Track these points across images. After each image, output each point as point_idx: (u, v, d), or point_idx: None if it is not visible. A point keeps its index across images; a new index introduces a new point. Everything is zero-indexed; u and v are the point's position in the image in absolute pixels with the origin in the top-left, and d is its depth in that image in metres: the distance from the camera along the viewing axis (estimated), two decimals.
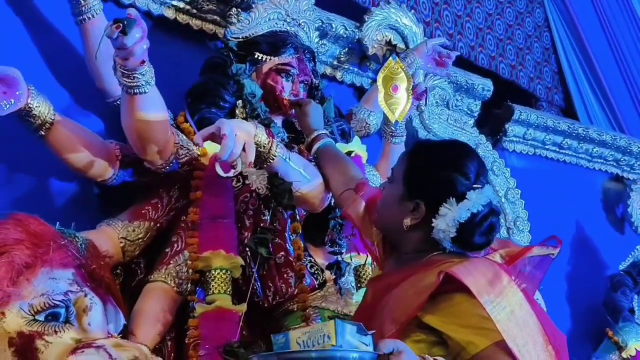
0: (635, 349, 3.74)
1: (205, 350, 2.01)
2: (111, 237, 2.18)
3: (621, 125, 5.75)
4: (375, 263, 2.03)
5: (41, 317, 1.57)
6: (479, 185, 1.64)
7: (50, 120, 2.02)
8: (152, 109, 2.01)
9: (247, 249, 2.28)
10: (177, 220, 2.34)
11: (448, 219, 1.59)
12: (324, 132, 2.28)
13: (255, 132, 2.04)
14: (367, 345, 1.33)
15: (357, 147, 2.52)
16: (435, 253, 1.65)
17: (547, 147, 4.18)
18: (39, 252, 1.63)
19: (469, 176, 1.65)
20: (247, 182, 2.33)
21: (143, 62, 1.85)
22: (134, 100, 1.96)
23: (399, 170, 1.77)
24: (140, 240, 2.25)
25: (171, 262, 2.26)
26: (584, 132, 4.28)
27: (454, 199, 1.60)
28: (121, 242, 2.20)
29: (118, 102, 2.31)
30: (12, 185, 2.23)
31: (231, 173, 2.00)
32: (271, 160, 2.10)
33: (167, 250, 2.30)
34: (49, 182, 2.31)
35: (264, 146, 2.06)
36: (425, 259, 1.64)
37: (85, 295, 1.63)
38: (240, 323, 2.08)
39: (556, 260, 1.80)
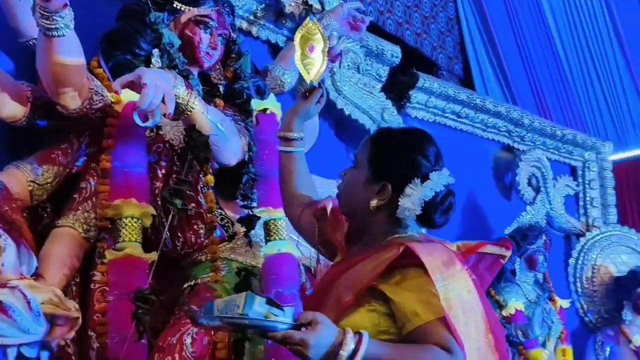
0: (515, 308, 4.03)
1: (114, 296, 2.04)
2: (20, 180, 2.15)
3: (514, 98, 6.06)
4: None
5: None
6: (439, 168, 1.75)
7: None
8: (69, 52, 1.98)
9: (158, 198, 2.31)
10: (87, 166, 2.32)
11: (414, 198, 1.67)
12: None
13: (175, 83, 2.05)
14: (277, 315, 1.44)
15: (272, 104, 2.56)
16: (396, 235, 1.73)
17: (446, 115, 4.35)
18: None
19: (431, 159, 1.75)
20: (160, 132, 2.35)
21: (66, 4, 1.82)
22: (52, 43, 1.93)
23: (363, 155, 1.81)
24: (48, 185, 2.23)
25: (79, 208, 2.25)
26: (481, 103, 4.48)
27: (418, 179, 1.69)
28: (30, 186, 2.17)
29: (31, 43, 2.27)
30: None
31: (149, 123, 2.01)
32: (189, 113, 2.12)
33: (75, 196, 2.28)
34: None
35: (182, 98, 2.08)
36: (386, 240, 1.72)
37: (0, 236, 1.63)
38: (150, 271, 2.12)
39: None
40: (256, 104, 2.53)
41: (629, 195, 5.87)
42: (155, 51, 2.40)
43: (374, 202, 1.75)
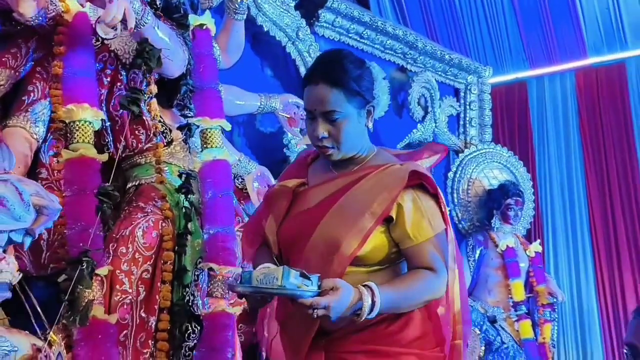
0: None
1: (71, 192, 2.24)
2: None
3: (405, 19, 6.39)
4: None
5: None
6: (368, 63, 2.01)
7: None
8: None
9: (103, 104, 2.49)
10: (33, 71, 2.45)
11: (384, 91, 1.93)
12: None
13: None
14: (308, 285, 1.69)
15: (208, 20, 2.75)
16: (374, 152, 1.96)
17: (350, 35, 4.64)
18: None
19: (367, 64, 1.99)
20: (105, 42, 2.50)
21: None
22: None
23: (341, 105, 1.86)
24: (1, 87, 2.36)
25: (29, 109, 2.39)
26: (382, 25, 4.80)
27: (377, 91, 1.94)
28: None
29: None
30: None
31: (111, 35, 2.17)
32: (142, 27, 2.30)
33: (23, 98, 2.41)
34: None
35: (137, 12, 2.25)
36: (367, 160, 1.94)
37: None
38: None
39: None
40: (193, 20, 2.72)
41: (502, 117, 6.46)
42: None
43: (369, 124, 1.94)
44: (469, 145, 5.79)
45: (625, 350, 1.94)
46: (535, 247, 5.34)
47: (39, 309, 2.13)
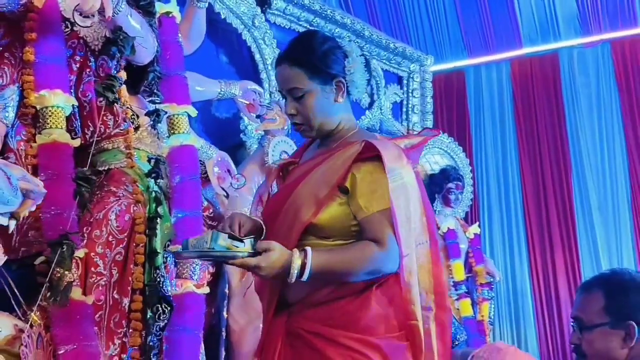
0: None
1: (46, 176, 2.28)
2: None
3: (349, 8, 6.51)
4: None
5: None
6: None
7: None
8: None
9: (72, 90, 2.52)
10: (2, 56, 2.46)
11: (358, 68, 1.96)
12: None
13: None
14: (237, 247, 1.78)
15: (173, 8, 2.81)
16: (355, 131, 2.04)
17: (300, 23, 4.75)
18: None
19: (336, 42, 2.03)
20: (75, 28, 2.52)
21: None
22: None
23: (302, 81, 1.96)
24: None
25: None
26: (331, 14, 4.93)
27: (347, 58, 1.97)
28: None
29: None
30: None
31: (88, 23, 2.21)
32: (116, 15, 2.34)
33: None
34: None
35: (112, 1, 2.29)
36: (346, 137, 2.02)
37: None
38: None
39: None
40: (159, 7, 2.77)
41: (442, 104, 6.68)
42: None
43: (340, 99, 1.99)
44: (412, 131, 5.97)
45: (571, 323, 2.10)
46: (474, 229, 5.58)
47: (16, 291, 2.18)
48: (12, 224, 1.88)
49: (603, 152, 6.16)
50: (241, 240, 1.80)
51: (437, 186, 5.54)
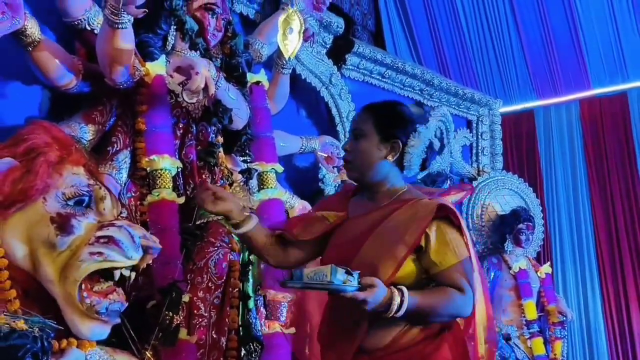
0: None
1: (155, 230, 2.62)
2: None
3: (419, 55, 6.79)
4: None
5: (71, 203, 2.08)
6: (419, 125, 2.32)
7: (38, 39, 2.44)
8: (127, 40, 2.50)
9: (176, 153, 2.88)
10: (116, 125, 2.84)
11: (418, 146, 2.20)
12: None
13: (209, 67, 2.61)
14: (352, 281, 1.95)
15: (262, 77, 3.15)
16: (404, 189, 2.22)
17: (373, 75, 5.04)
18: (64, 153, 2.12)
19: (414, 118, 2.32)
20: (178, 99, 2.88)
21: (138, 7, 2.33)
22: (115, 33, 2.43)
23: (367, 125, 2.20)
24: (92, 140, 2.75)
25: (114, 158, 2.78)
26: (402, 66, 5.19)
27: (417, 133, 2.22)
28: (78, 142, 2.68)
29: (75, 22, 2.74)
30: None
31: (194, 100, 2.57)
32: (216, 89, 2.69)
33: (108, 148, 2.80)
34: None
35: (214, 79, 2.64)
36: (398, 195, 2.21)
37: (100, 188, 2.17)
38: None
39: None
40: (250, 77, 3.11)
41: (511, 145, 6.83)
42: (172, 31, 2.90)
43: (390, 158, 2.19)
44: (482, 172, 6.14)
45: None
46: (546, 268, 5.67)
47: (132, 332, 2.50)
48: (133, 276, 2.21)
49: None
50: (352, 274, 1.96)
51: (508, 227, 5.65)
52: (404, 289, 2.03)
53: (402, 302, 2.01)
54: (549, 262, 5.91)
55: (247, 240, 2.35)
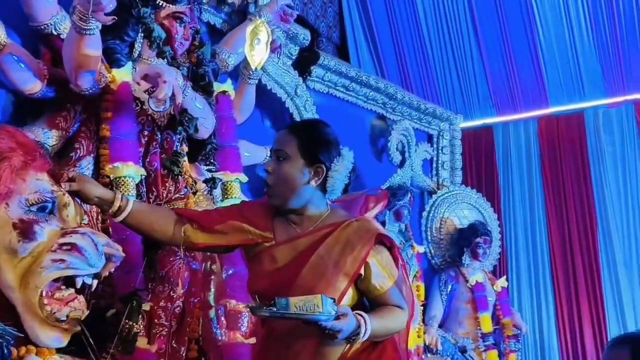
0: None
1: (118, 238, 2.59)
2: None
3: (382, 68, 6.86)
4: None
5: (34, 209, 2.05)
6: (341, 147, 2.31)
7: (4, 43, 2.42)
8: (94, 47, 2.49)
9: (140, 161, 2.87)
10: (79, 131, 2.82)
11: (342, 171, 2.24)
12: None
13: (176, 77, 2.61)
14: (335, 310, 1.97)
15: (229, 87, 3.16)
16: (330, 210, 2.26)
17: (337, 88, 5.08)
18: (28, 159, 2.10)
19: (338, 141, 2.31)
20: (144, 107, 2.87)
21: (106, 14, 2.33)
22: (82, 39, 2.42)
23: (291, 148, 2.19)
24: (55, 146, 2.73)
25: (77, 164, 2.76)
26: (366, 79, 5.25)
27: (339, 157, 2.24)
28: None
29: (41, 27, 2.72)
30: None
31: (161, 108, 2.57)
32: (183, 99, 2.69)
33: (71, 154, 2.78)
34: None
35: (181, 87, 2.64)
36: (325, 217, 2.23)
37: (64, 194, 2.15)
38: None
39: None
40: (216, 86, 3.12)
41: (470, 160, 6.93)
42: (139, 39, 2.89)
43: (313, 183, 2.20)
44: (441, 186, 6.23)
45: None
46: (502, 282, 5.79)
47: (91, 340, 2.48)
48: (95, 284, 2.19)
49: (628, 209, 6.33)
50: (333, 302, 2.00)
51: (465, 240, 5.77)
52: (366, 316, 2.10)
53: (366, 329, 2.08)
54: (505, 276, 6.03)
55: (134, 226, 2.32)
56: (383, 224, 4.97)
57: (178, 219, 2.33)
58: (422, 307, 5.11)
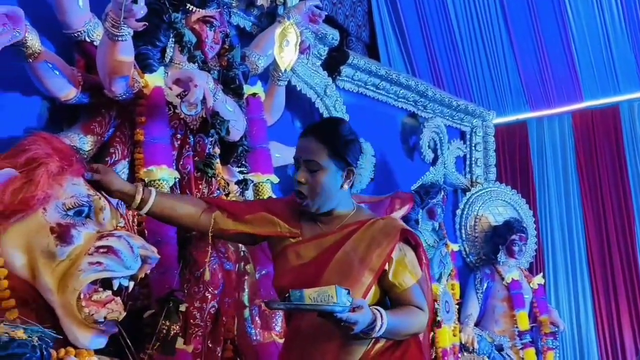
0: None
1: (153, 240, 2.63)
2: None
3: (413, 66, 6.85)
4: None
5: (71, 213, 2.10)
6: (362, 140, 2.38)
7: (38, 51, 2.47)
8: (127, 53, 2.52)
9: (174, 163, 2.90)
10: (114, 135, 2.87)
11: (367, 167, 2.32)
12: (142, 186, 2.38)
13: (207, 80, 2.64)
14: (350, 302, 1.96)
15: (259, 89, 3.19)
16: (355, 209, 2.29)
17: (367, 87, 5.08)
18: (65, 164, 2.15)
19: (358, 137, 2.34)
20: (177, 111, 2.90)
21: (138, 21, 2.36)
22: (115, 45, 2.46)
23: (322, 158, 2.19)
24: (90, 151, 2.77)
25: (112, 169, 2.81)
26: (396, 77, 5.23)
27: (362, 154, 2.31)
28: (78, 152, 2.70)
29: (75, 35, 2.77)
30: None
31: (193, 112, 2.60)
32: (214, 101, 2.72)
33: (107, 159, 2.82)
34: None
35: (211, 91, 2.68)
36: (351, 216, 2.27)
37: (100, 198, 2.19)
38: None
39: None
40: (246, 89, 3.15)
41: (504, 157, 6.88)
42: (170, 44, 2.93)
43: (345, 186, 2.26)
44: (475, 184, 6.19)
45: None
46: (538, 279, 5.73)
47: (128, 341, 2.52)
48: (131, 285, 2.23)
49: None
50: (348, 293, 1.99)
51: (500, 238, 5.72)
52: (383, 311, 2.09)
53: (382, 324, 2.07)
54: (541, 273, 5.98)
55: (160, 214, 2.35)
56: (416, 222, 4.96)
57: (207, 207, 2.37)
58: (457, 306, 5.07)
